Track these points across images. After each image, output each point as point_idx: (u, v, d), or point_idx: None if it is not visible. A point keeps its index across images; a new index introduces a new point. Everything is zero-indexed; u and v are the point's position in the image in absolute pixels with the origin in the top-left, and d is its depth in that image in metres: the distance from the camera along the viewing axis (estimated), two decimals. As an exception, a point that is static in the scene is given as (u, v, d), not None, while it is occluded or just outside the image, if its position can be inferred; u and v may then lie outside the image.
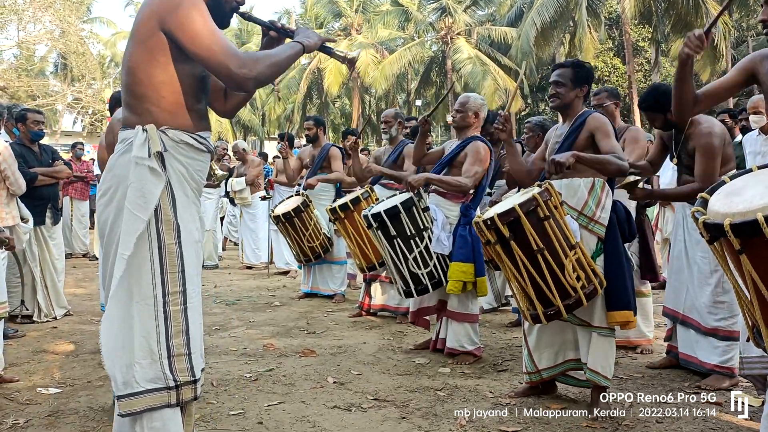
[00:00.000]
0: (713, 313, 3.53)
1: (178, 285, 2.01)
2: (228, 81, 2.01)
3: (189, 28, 1.94)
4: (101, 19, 38.26)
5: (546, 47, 23.53)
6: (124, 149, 2.04)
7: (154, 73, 2.00)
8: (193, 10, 1.95)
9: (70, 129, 40.03)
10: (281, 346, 4.57)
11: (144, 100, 2.03)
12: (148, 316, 1.97)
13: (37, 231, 5.28)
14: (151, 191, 1.97)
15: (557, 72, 3.38)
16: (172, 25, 1.94)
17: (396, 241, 4.14)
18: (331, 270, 6.53)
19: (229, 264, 9.58)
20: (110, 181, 2.06)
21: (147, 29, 1.99)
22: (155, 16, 1.97)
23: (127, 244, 1.94)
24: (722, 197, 2.07)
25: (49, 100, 27.91)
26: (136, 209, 1.95)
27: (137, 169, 1.97)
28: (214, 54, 1.94)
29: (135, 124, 2.03)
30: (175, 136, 2.04)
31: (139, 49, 2.01)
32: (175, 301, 2.00)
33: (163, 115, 2.03)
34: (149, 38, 1.98)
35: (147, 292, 1.97)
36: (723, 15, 19.31)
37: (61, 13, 23.76)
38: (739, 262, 1.89)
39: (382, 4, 32.78)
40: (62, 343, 4.65)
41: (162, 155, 2.00)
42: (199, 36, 1.94)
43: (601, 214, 3.19)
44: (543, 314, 3.01)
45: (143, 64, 2.00)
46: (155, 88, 2.01)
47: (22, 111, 5.34)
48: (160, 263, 1.99)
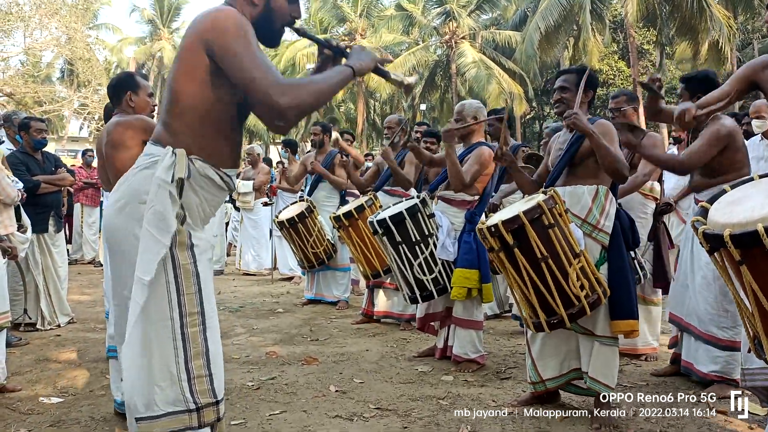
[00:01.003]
0: (716, 322, 3.48)
1: (195, 306, 1.96)
2: (268, 110, 1.88)
3: (232, 52, 1.88)
4: (107, 26, 38.44)
5: (550, 51, 23.51)
6: (146, 164, 1.99)
7: (195, 95, 1.95)
8: (238, 34, 1.89)
9: (77, 134, 40.22)
10: (284, 353, 4.56)
11: (180, 120, 1.98)
12: (167, 339, 1.92)
13: (40, 239, 5.30)
14: (172, 214, 1.92)
15: (562, 78, 3.38)
16: (217, 48, 1.89)
17: (401, 247, 4.13)
18: (335, 276, 6.52)
19: (234, 270, 9.58)
20: (123, 192, 2.01)
21: (192, 50, 1.94)
22: (201, 37, 1.92)
23: (148, 269, 1.88)
24: (722, 207, 2.05)
25: (55, 106, 28.04)
26: (158, 233, 1.89)
27: (160, 191, 1.91)
28: (254, 80, 1.86)
29: (167, 143, 1.97)
30: (201, 168, 1.98)
31: (182, 69, 1.97)
32: (193, 322, 1.95)
33: (197, 140, 1.97)
34: (193, 59, 1.94)
35: (164, 314, 1.92)
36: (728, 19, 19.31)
37: (68, 19, 23.88)
38: (740, 272, 1.87)
39: (386, 9, 32.83)
40: (65, 351, 4.66)
41: (183, 182, 1.94)
42: (241, 60, 1.87)
43: (605, 222, 3.16)
44: (546, 323, 2.99)
45: (185, 85, 1.96)
46: (194, 110, 1.96)
47: (25, 119, 5.36)
48: (176, 284, 1.94)
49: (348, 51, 2.16)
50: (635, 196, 4.27)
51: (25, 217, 4.75)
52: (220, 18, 1.93)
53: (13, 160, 5.09)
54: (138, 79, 3.45)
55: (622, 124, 3.56)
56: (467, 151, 4.26)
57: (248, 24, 1.96)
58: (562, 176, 3.32)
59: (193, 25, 1.99)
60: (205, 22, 1.94)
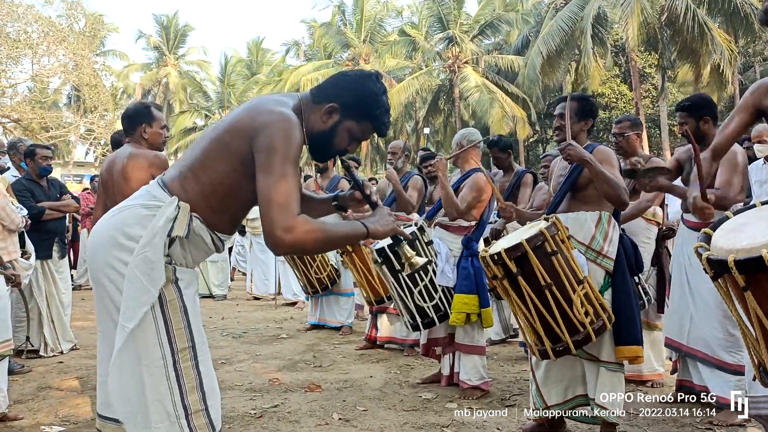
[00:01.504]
0: (723, 346, 3.45)
1: (186, 341, 1.93)
2: (268, 233, 1.84)
3: (267, 164, 1.84)
4: (114, 52, 38.94)
5: (552, 75, 23.66)
6: (147, 204, 1.95)
7: (222, 171, 1.93)
8: (284, 151, 1.85)
9: (83, 159, 40.48)
10: (287, 380, 4.53)
11: (198, 183, 1.95)
12: (160, 378, 1.89)
13: (44, 265, 5.31)
14: (162, 265, 1.88)
15: (561, 105, 3.40)
16: (257, 148, 1.86)
17: (401, 275, 4.13)
18: (338, 301, 6.50)
19: (237, 295, 9.56)
20: (111, 226, 1.97)
21: (237, 133, 1.92)
22: (252, 127, 1.89)
23: (132, 316, 1.84)
24: (726, 233, 2.04)
25: (62, 132, 28.29)
26: (147, 281, 1.86)
27: (155, 240, 1.88)
28: (270, 203, 1.82)
29: (175, 192, 1.95)
30: (197, 228, 1.96)
31: (223, 142, 1.94)
32: (185, 357, 1.92)
33: (203, 205, 1.95)
34: (234, 143, 1.92)
35: (155, 354, 1.88)
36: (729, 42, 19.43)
37: (75, 46, 24.20)
38: (744, 298, 1.85)
39: (389, 35, 33.17)
40: (68, 378, 4.63)
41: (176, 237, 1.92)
42: (270, 176, 1.83)
43: (608, 247, 3.16)
44: (551, 350, 2.96)
45: (216, 161, 1.94)
46: (214, 181, 1.94)
47: (30, 147, 5.40)
48: (164, 321, 1.90)
49: (375, 206, 2.13)
50: (638, 222, 4.27)
51: (29, 244, 4.77)
52: (279, 124, 1.87)
53: (19, 187, 5.13)
54: (154, 111, 3.48)
55: (647, 170, 3.50)
56: (463, 177, 4.29)
57: (299, 141, 1.91)
58: (564, 202, 3.33)
59: (253, 110, 1.95)
60: (264, 118, 1.89)
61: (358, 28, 32.04)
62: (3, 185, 4.56)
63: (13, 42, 22.57)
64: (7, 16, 22.84)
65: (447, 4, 28.94)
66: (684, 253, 3.69)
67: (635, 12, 18.84)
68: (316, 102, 2.03)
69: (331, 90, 2.02)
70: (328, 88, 2.04)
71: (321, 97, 2.02)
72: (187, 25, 41.56)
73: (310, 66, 32.71)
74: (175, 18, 40.83)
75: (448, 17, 28.86)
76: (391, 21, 34.84)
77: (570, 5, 22.31)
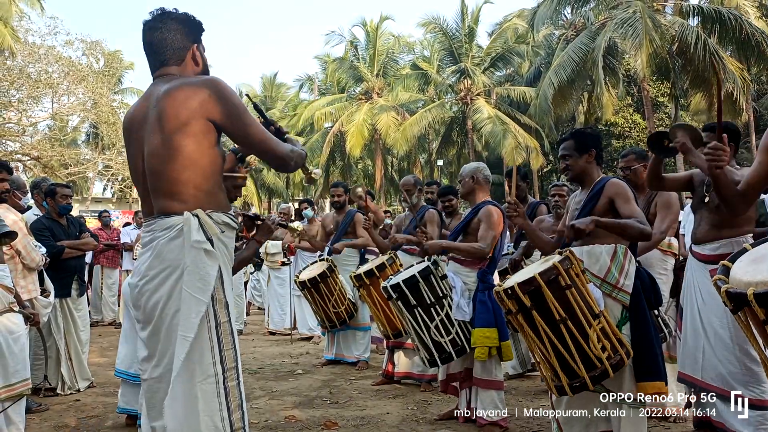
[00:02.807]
0: (741, 382, 3.36)
1: (233, 360, 2.08)
2: (278, 158, 2.27)
3: (241, 120, 2.15)
4: (131, 90, 39.57)
5: (565, 105, 23.72)
6: (172, 235, 2.08)
7: (199, 157, 2.11)
8: (241, 104, 2.18)
9: (101, 195, 41.00)
10: (303, 417, 4.50)
11: (189, 184, 2.10)
12: (212, 395, 2.02)
13: (62, 303, 5.36)
14: (209, 273, 2.05)
15: (562, 146, 3.43)
16: (224, 114, 2.13)
17: (417, 310, 4.12)
18: (355, 336, 6.47)
19: (253, 330, 9.55)
20: (159, 267, 2.09)
21: (190, 116, 2.09)
22: (199, 104, 2.10)
23: (190, 327, 2.00)
24: (744, 265, 2.03)
25: (80, 168, 28.72)
26: (197, 292, 2.02)
27: (193, 253, 2.03)
28: (264, 141, 2.22)
29: (180, 210, 2.10)
30: (218, 218, 2.14)
31: (181, 135, 2.10)
32: (232, 376, 2.07)
33: (206, 198, 2.13)
34: (193, 124, 2.10)
35: (209, 371, 2.03)
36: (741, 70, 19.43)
37: (94, 85, 24.70)
38: (765, 332, 1.83)
39: (402, 68, 33.55)
40: (84, 416, 4.63)
41: (212, 238, 2.10)
42: (249, 123, 2.18)
43: (624, 281, 3.13)
44: (568, 386, 2.92)
45: (188, 149, 2.10)
46: (200, 171, 2.11)
47: (51, 186, 5.50)
48: (218, 341, 2.05)
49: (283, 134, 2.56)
50: (654, 253, 4.23)
51: (48, 282, 4.82)
52: (225, 87, 2.18)
53: (38, 226, 5.20)
54: None
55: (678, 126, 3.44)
56: (473, 210, 4.28)
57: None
58: (579, 235, 3.31)
59: (181, 91, 2.15)
60: (201, 92, 2.13)
61: (371, 63, 32.46)
62: (23, 224, 4.63)
63: (34, 82, 23.10)
64: (29, 57, 23.43)
65: (458, 38, 29.28)
66: (694, 286, 3.64)
67: (644, 43, 18.93)
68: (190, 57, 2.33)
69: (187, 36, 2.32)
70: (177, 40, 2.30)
71: (182, 51, 2.31)
72: (203, 62, 42.24)
73: (323, 100, 33.11)
74: (191, 55, 41.53)
75: (460, 50, 29.18)
76: (403, 55, 35.26)
77: (581, 37, 22.47)
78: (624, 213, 3.15)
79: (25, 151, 25.09)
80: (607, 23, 21.24)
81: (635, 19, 19.45)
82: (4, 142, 25.06)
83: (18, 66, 23.32)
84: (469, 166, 4.47)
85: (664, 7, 22.17)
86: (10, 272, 4.09)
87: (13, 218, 4.47)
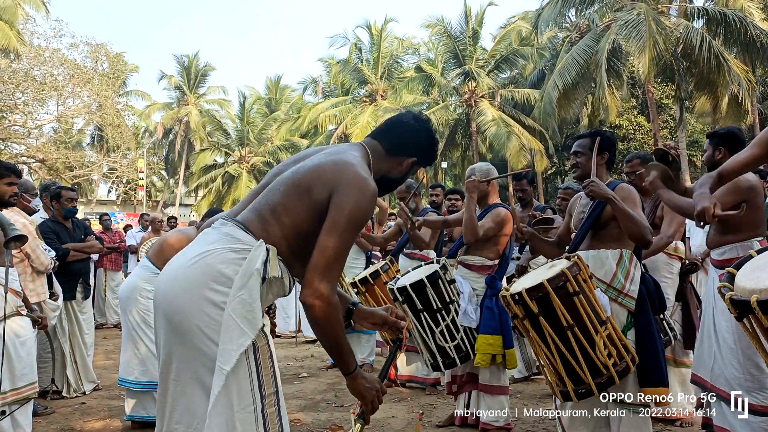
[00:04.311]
0: (744, 387, 3.35)
1: (272, 386, 1.95)
2: (308, 282, 1.91)
3: (337, 218, 1.93)
4: (136, 92, 39.76)
5: (569, 107, 23.71)
6: (233, 249, 1.96)
7: (303, 216, 2.00)
8: (358, 215, 1.96)
9: (105, 198, 41.13)
10: (309, 421, 4.50)
11: (279, 225, 2.00)
12: (250, 425, 1.89)
13: (67, 306, 5.37)
14: (259, 306, 1.91)
15: (577, 143, 3.42)
16: (334, 202, 1.95)
17: (422, 314, 4.09)
18: (359, 339, 6.46)
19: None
20: (199, 270, 1.95)
21: (320, 182, 1.98)
22: (334, 180, 1.97)
23: (229, 359, 1.87)
24: (749, 272, 2.03)
25: (85, 171, 28.85)
26: (244, 323, 1.88)
27: (252, 282, 1.90)
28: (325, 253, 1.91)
29: (258, 234, 1.98)
30: (282, 270, 2.00)
31: (303, 188, 2.00)
32: (271, 402, 1.94)
33: (284, 248, 2.00)
34: (317, 189, 1.98)
35: (247, 400, 1.90)
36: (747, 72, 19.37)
37: (99, 88, 24.80)
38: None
39: (406, 71, 33.58)
40: (90, 420, 4.65)
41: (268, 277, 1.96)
42: (334, 230, 1.92)
43: (630, 286, 3.13)
44: (573, 392, 2.92)
45: (299, 203, 1.99)
46: (296, 225, 2.00)
47: (57, 189, 5.52)
48: (256, 367, 1.92)
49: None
50: (660, 257, 4.23)
51: (56, 285, 4.84)
52: (362, 191, 1.97)
53: (44, 229, 5.22)
54: None
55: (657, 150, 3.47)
56: (483, 213, 4.27)
57: (371, 211, 2.05)
58: (585, 240, 3.32)
59: (339, 163, 2.02)
60: (349, 177, 1.98)
61: (375, 65, 32.50)
62: (33, 227, 4.65)
63: (40, 85, 23.21)
64: (34, 59, 23.55)
65: (463, 41, 29.29)
66: (710, 290, 3.66)
67: (647, 46, 18.90)
68: (392, 154, 2.20)
69: (411, 145, 2.22)
70: (405, 142, 2.21)
71: (399, 151, 2.21)
72: (208, 65, 42.37)
73: (327, 103, 33.17)
74: (196, 58, 41.68)
75: (464, 53, 29.18)
76: (407, 58, 35.31)
77: (585, 39, 22.45)
78: None
79: (30, 153, 25.22)
80: (611, 25, 21.22)
81: (639, 21, 19.42)
82: (10, 144, 25.19)
83: (23, 69, 23.45)
84: (480, 167, 4.33)
85: (668, 9, 22.13)
86: (19, 275, 4.12)
87: (23, 221, 4.49)
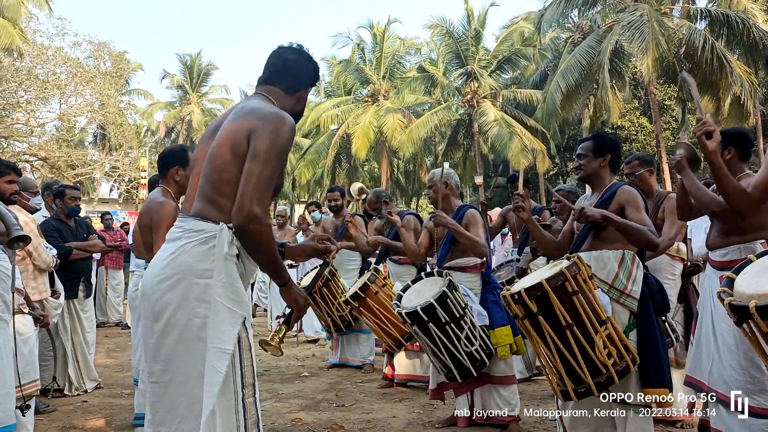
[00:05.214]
0: (743, 389, 3.33)
1: (251, 377, 2.05)
2: (240, 206, 2.00)
3: (257, 148, 2.04)
4: (138, 91, 39.77)
5: (571, 108, 23.69)
6: (200, 240, 2.04)
7: (239, 176, 2.06)
8: (278, 147, 2.07)
9: (107, 196, 41.14)
10: (310, 420, 4.51)
11: (226, 197, 2.06)
12: (230, 411, 1.98)
13: (69, 304, 5.38)
14: (241, 284, 2.02)
15: (581, 145, 3.44)
16: (253, 137, 2.06)
17: (435, 334, 3.91)
18: (359, 339, 6.48)
19: (258, 332, 9.54)
20: (176, 269, 2.04)
21: (240, 136, 2.07)
22: (248, 127, 2.07)
23: (229, 339, 1.96)
24: (748, 277, 2.04)
25: (87, 169, 28.90)
26: (233, 304, 1.98)
27: (227, 265, 2.00)
28: (251, 180, 2.01)
29: (217, 219, 2.05)
30: (239, 245, 2.08)
31: (228, 152, 2.08)
32: (249, 393, 2.03)
33: None
34: (240, 144, 2.07)
35: (229, 387, 1.99)
36: (749, 74, 19.36)
37: (101, 86, 24.84)
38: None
39: (408, 71, 33.55)
40: (92, 418, 4.66)
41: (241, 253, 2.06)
42: (257, 158, 2.03)
43: (632, 287, 3.14)
44: (573, 391, 2.93)
45: (232, 167, 2.06)
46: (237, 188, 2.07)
47: (60, 187, 5.53)
48: (240, 357, 2.01)
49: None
50: (662, 258, 4.23)
51: (58, 283, 4.85)
52: (276, 121, 2.09)
53: (47, 227, 5.23)
54: (190, 155, 3.50)
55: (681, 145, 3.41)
56: (457, 217, 4.23)
57: (290, 138, 2.13)
58: (587, 241, 3.32)
59: (250, 112, 2.13)
60: (261, 115, 2.10)
61: (377, 65, 32.47)
62: (34, 225, 4.66)
63: (42, 83, 23.25)
64: (37, 58, 23.58)
65: (465, 41, 29.26)
66: (709, 292, 3.63)
67: (650, 47, 18.88)
68: (292, 92, 2.35)
69: (300, 78, 2.36)
70: (300, 79, 2.36)
71: (297, 88, 2.35)
72: (210, 64, 42.43)
73: (329, 102, 33.14)
74: (198, 57, 41.73)
75: (467, 53, 29.15)
76: (409, 58, 35.28)
77: (588, 40, 22.43)
78: (633, 221, 3.15)
79: (32, 151, 25.25)
80: (614, 26, 21.20)
81: (642, 23, 19.40)
82: (12, 142, 25.23)
83: (26, 67, 23.48)
84: (438, 171, 4.36)
85: (671, 11, 22.10)
86: (21, 273, 4.13)
87: (24, 219, 4.50)
